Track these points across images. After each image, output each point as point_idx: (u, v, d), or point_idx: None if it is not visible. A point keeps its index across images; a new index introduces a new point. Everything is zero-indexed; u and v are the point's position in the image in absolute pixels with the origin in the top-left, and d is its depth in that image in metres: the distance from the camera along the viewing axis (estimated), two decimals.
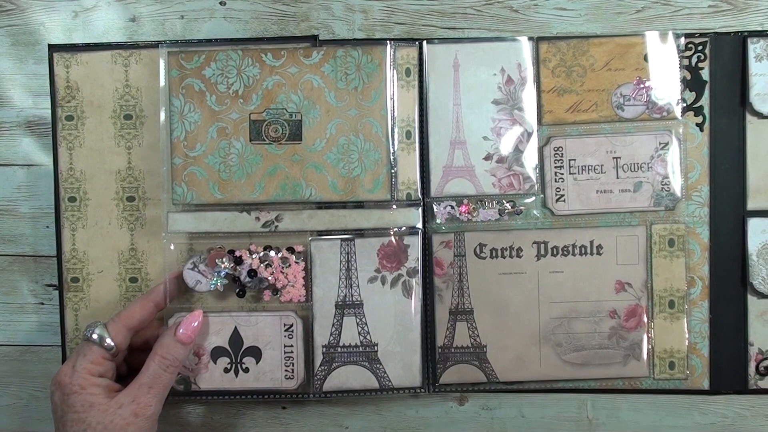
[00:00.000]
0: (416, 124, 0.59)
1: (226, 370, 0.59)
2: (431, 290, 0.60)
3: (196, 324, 0.55)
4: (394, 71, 0.59)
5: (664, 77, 0.59)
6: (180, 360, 0.54)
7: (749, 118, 0.60)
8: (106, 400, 0.51)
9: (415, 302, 0.59)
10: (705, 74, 0.60)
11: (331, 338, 0.59)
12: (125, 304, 0.60)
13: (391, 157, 0.59)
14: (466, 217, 0.60)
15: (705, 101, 0.60)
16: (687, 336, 0.60)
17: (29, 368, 0.64)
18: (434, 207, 0.60)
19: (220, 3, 0.62)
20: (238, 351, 0.59)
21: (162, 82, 0.58)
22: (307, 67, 0.58)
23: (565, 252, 0.60)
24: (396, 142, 0.59)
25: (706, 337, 0.60)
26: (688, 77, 0.60)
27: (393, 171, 0.59)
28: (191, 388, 0.59)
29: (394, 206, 0.59)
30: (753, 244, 0.60)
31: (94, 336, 0.52)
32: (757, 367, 0.60)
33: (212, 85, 0.58)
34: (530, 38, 0.60)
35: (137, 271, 0.61)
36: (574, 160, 0.60)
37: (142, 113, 0.60)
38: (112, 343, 0.52)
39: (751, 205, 0.60)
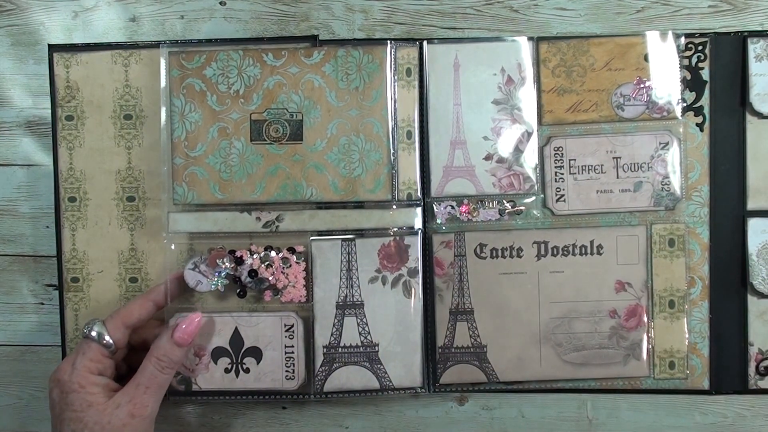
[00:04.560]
0: (416, 124, 0.59)
1: (227, 371, 0.59)
2: (431, 290, 0.60)
3: (193, 327, 0.55)
4: (395, 71, 0.59)
5: (664, 77, 0.59)
6: (175, 361, 0.54)
7: (749, 118, 0.60)
8: (104, 400, 0.51)
9: (415, 302, 0.59)
10: (705, 74, 0.60)
11: (332, 338, 0.59)
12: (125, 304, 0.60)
13: (392, 157, 0.59)
14: (467, 217, 0.60)
15: (705, 101, 0.60)
16: (687, 336, 0.60)
17: (29, 368, 0.64)
18: (434, 207, 0.60)
19: (220, 3, 0.62)
20: (239, 351, 0.59)
21: (163, 82, 0.58)
22: (307, 67, 0.58)
23: (565, 252, 0.60)
24: (396, 142, 0.59)
25: (706, 337, 0.61)
26: (688, 77, 0.60)
27: (393, 171, 0.59)
28: (192, 388, 0.59)
29: (395, 206, 0.59)
30: (753, 244, 0.60)
31: (93, 333, 0.52)
32: (757, 367, 0.61)
33: (213, 85, 0.58)
34: (530, 38, 0.60)
35: (137, 271, 0.61)
36: (574, 160, 0.60)
37: (142, 113, 0.60)
38: (111, 341, 0.53)
39: (751, 205, 0.60)
